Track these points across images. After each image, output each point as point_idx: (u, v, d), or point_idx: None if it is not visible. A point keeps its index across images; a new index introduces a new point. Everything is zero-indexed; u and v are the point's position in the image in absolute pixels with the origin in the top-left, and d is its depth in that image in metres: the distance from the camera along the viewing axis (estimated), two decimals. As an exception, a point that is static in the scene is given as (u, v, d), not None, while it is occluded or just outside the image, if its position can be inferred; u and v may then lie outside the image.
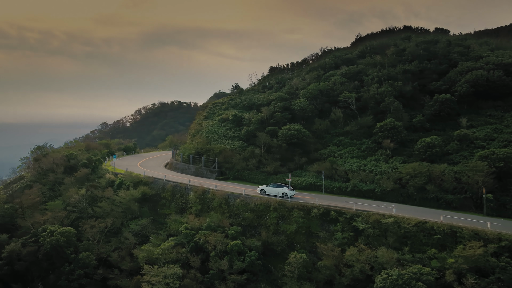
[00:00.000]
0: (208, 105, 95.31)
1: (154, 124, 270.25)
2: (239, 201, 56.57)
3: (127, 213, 59.64)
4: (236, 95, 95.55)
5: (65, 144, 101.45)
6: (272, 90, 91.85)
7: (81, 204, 60.77)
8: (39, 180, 72.24)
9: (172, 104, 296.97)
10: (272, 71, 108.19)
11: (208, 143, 77.32)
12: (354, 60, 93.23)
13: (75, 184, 66.61)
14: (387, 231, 46.66)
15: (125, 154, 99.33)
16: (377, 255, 43.97)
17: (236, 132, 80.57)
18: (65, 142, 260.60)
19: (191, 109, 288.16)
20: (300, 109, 78.96)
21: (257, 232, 53.59)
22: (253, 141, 76.71)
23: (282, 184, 59.14)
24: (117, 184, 65.03)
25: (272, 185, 59.11)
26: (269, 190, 58.24)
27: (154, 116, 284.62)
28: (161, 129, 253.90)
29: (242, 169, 71.02)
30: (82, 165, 69.57)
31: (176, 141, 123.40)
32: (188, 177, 72.54)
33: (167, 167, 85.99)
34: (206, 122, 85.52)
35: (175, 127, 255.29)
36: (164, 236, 53.93)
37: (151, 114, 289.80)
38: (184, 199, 61.17)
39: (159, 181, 65.93)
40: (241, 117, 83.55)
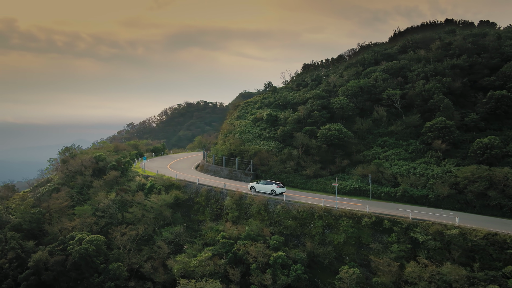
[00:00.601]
0: (240, 104, 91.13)
1: (180, 124, 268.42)
2: (280, 207, 51.98)
3: (158, 219, 55.82)
4: (269, 94, 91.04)
5: (93, 145, 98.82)
6: (307, 88, 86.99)
7: (111, 209, 57.27)
8: (67, 183, 69.29)
9: (198, 104, 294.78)
10: (305, 68, 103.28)
11: (242, 144, 73.02)
12: (395, 55, 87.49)
13: (104, 188, 63.26)
14: (450, 243, 41.33)
15: (153, 155, 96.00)
16: (442, 271, 38.72)
17: (271, 132, 76.03)
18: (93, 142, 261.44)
19: (217, 109, 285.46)
20: (339, 108, 73.85)
21: (301, 242, 48.94)
22: (290, 142, 72.11)
23: (271, 181, 58.44)
24: (147, 188, 61.33)
25: (261, 182, 58.59)
26: (259, 187, 57.96)
27: (180, 116, 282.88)
28: (187, 130, 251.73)
29: (279, 172, 66.44)
30: (111, 168, 66.20)
31: (205, 141, 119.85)
32: (221, 180, 68.48)
33: (198, 169, 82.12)
34: (238, 122, 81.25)
35: (201, 127, 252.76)
36: (200, 246, 49.75)
37: (177, 114, 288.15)
38: (219, 205, 56.97)
39: (192, 185, 61.94)
40: (276, 116, 79.01)
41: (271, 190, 56.77)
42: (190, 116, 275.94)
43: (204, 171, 77.96)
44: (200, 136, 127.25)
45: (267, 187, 57.31)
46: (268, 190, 57.06)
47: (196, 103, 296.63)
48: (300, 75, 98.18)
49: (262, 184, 58.13)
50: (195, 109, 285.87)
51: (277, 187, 56.99)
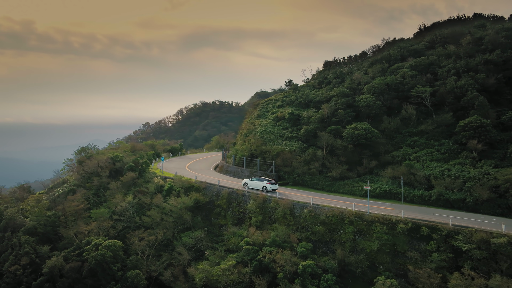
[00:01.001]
0: (260, 103, 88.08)
1: (196, 124, 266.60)
2: (307, 211, 48.78)
3: (178, 223, 53.09)
4: (290, 92, 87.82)
5: (109, 145, 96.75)
6: (330, 86, 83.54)
7: (128, 212, 54.73)
8: (82, 184, 67.06)
9: (213, 104, 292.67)
10: (327, 66, 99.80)
11: (263, 144, 69.96)
12: (422, 51, 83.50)
13: (121, 190, 60.79)
14: (497, 253, 37.76)
15: (171, 155, 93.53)
16: (490, 284, 35.20)
17: (293, 132, 72.84)
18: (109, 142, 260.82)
19: (233, 108, 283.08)
20: (365, 106, 70.27)
21: (330, 249, 45.72)
22: (314, 142, 68.82)
23: (263, 178, 58.61)
24: (166, 190, 58.67)
25: (254, 179, 58.65)
26: (251, 184, 57.92)
27: (196, 116, 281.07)
28: (203, 129, 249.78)
29: (303, 173, 63.23)
30: (128, 169, 63.72)
31: (223, 141, 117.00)
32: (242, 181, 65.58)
33: (217, 170, 79.32)
34: (259, 121, 78.23)
35: (217, 127, 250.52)
36: (222, 252, 46.82)
37: (193, 114, 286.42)
38: (242, 208, 54.01)
39: (212, 187, 59.08)
40: (298, 115, 75.77)
41: (263, 186, 56.64)
42: (206, 116, 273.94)
43: (224, 172, 75.12)
44: (217, 136, 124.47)
45: (259, 184, 57.24)
46: (260, 186, 56.92)
47: (212, 103, 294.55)
48: (322, 73, 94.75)
49: (255, 181, 57.98)
50: (211, 109, 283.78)
51: (268, 183, 56.85)
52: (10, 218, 55.06)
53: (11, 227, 55.26)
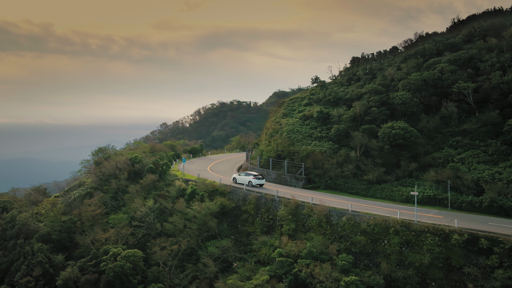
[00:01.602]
0: (285, 101, 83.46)
1: (214, 124, 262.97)
2: (346, 219, 43.93)
3: (202, 230, 48.76)
4: (317, 89, 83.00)
5: (127, 146, 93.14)
6: (360, 83, 78.51)
7: (149, 218, 50.59)
8: (100, 187, 63.31)
9: (231, 103, 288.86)
10: (354, 62, 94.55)
11: (291, 145, 65.33)
12: (459, 45, 77.80)
13: (140, 193, 56.79)
14: None
15: (191, 156, 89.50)
16: None
17: (323, 131, 68.04)
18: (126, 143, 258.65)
19: (251, 108, 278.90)
20: (401, 104, 65.14)
21: (374, 262, 40.83)
22: (345, 142, 64.00)
23: (250, 173, 59.31)
24: (188, 194, 54.44)
25: (242, 174, 59.78)
26: (239, 179, 58.84)
27: (214, 116, 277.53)
28: (221, 130, 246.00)
29: (335, 176, 58.44)
30: (148, 171, 59.67)
31: (244, 142, 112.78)
32: (269, 185, 61.09)
33: (240, 170, 74.95)
34: (285, 120, 73.59)
35: (236, 127, 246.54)
36: (252, 264, 42.29)
37: (211, 114, 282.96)
38: (272, 214, 49.41)
39: (238, 191, 54.63)
40: (328, 113, 70.92)
41: (248, 181, 57.17)
42: (224, 116, 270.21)
43: (248, 174, 70.65)
44: (238, 136, 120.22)
45: (246, 178, 57.78)
46: (246, 181, 57.49)
47: (230, 103, 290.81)
48: (350, 69, 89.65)
49: (242, 176, 58.79)
50: (229, 109, 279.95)
51: (253, 178, 57.40)
52: (23, 224, 51.49)
53: (24, 233, 51.70)
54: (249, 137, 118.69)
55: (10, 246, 51.26)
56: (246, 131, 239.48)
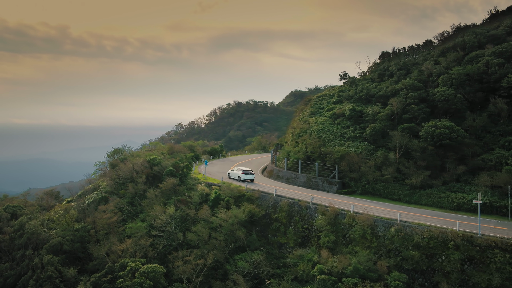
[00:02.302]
0: (311, 99, 78.03)
1: (230, 124, 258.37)
2: (394, 231, 38.38)
3: (229, 241, 43.64)
4: (346, 86, 77.40)
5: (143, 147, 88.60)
6: (393, 78, 72.69)
7: (169, 227, 45.58)
8: (116, 191, 58.66)
9: (247, 103, 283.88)
10: (384, 57, 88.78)
11: (322, 145, 59.90)
12: (502, 36, 71.40)
13: (159, 198, 51.90)
14: None
15: (211, 157, 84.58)
16: None
17: (356, 131, 62.49)
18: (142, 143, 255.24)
19: (268, 108, 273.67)
20: (443, 100, 59.26)
21: (429, 280, 35.26)
22: (382, 143, 58.40)
23: (240, 168, 60.59)
24: (212, 200, 49.38)
25: (235, 169, 61.40)
26: (232, 174, 60.81)
27: (230, 116, 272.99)
28: (237, 130, 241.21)
29: (374, 180, 52.88)
30: (168, 174, 54.76)
31: (265, 142, 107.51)
32: (298, 189, 55.93)
33: (265, 174, 69.80)
34: (314, 119, 68.17)
35: (252, 127, 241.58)
36: (289, 283, 36.96)
37: (227, 114, 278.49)
38: (307, 224, 44.06)
39: (268, 197, 49.39)
40: (361, 111, 65.35)
41: (238, 176, 58.59)
42: (240, 116, 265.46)
43: (274, 177, 65.45)
44: (259, 137, 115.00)
45: (236, 173, 59.39)
46: (236, 176, 59.26)
47: (246, 103, 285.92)
48: (380, 65, 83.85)
49: (235, 171, 60.51)
50: (245, 109, 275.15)
51: (242, 173, 58.44)
52: (33, 232, 46.98)
53: (33, 243, 47.21)
54: (270, 137, 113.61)
55: (18, 257, 46.88)
56: (263, 132, 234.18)
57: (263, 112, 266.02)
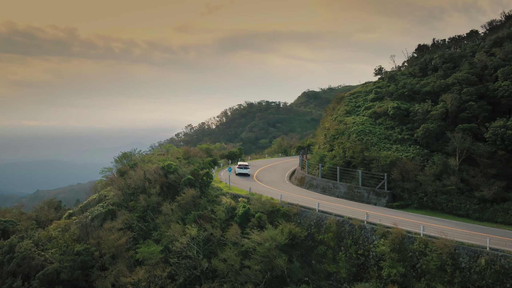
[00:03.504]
0: (344, 96, 69.13)
1: (242, 126, 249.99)
2: (485, 262, 29.51)
3: (264, 269, 35.01)
4: (384, 82, 68.39)
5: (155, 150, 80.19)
6: (439, 72, 63.60)
7: (191, 252, 37.04)
8: (124, 203, 50.28)
9: (259, 104, 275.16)
10: (421, 51, 79.77)
11: (365, 149, 51.10)
12: None
13: (176, 213, 43.36)
14: None
15: (230, 162, 76.02)
16: None
17: (404, 132, 53.62)
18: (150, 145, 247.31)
19: (281, 109, 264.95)
20: (507, 96, 50.29)
21: (542, 333, 26.40)
22: (437, 146, 49.57)
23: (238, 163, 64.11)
24: (240, 216, 40.82)
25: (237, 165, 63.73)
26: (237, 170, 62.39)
27: (241, 117, 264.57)
28: (249, 131, 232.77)
29: (433, 192, 43.97)
30: (186, 183, 46.15)
31: (286, 145, 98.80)
32: (338, 201, 47.32)
33: (295, 181, 61.12)
34: (351, 119, 59.34)
35: (265, 128, 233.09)
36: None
37: (238, 115, 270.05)
38: (362, 249, 35.29)
39: (308, 213, 40.68)
40: (407, 110, 56.51)
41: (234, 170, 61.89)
42: (252, 117, 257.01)
43: (307, 186, 56.76)
44: (279, 139, 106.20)
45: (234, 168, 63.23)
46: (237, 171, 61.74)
47: (258, 103, 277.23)
48: (418, 58, 74.81)
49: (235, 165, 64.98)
50: (257, 110, 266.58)
51: (237, 167, 62.33)
52: (24, 257, 38.24)
53: (25, 270, 38.52)
54: (292, 139, 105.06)
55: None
56: (276, 133, 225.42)
57: (276, 113, 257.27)
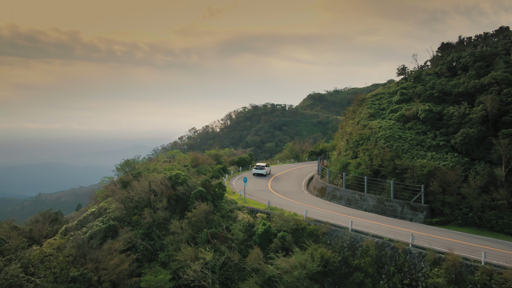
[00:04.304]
0: (366, 97, 63.61)
1: (247, 129, 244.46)
2: None
3: (292, 301, 29.47)
4: (409, 83, 62.85)
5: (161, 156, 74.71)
6: (471, 72, 58.07)
7: (206, 280, 31.59)
8: (127, 218, 44.80)
9: (265, 107, 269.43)
10: (445, 49, 74.30)
11: (396, 157, 45.59)
12: None
13: (186, 231, 37.88)
14: None
15: (240, 169, 70.51)
16: None
17: (438, 137, 48.09)
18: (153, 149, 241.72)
19: (287, 112, 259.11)
20: (557, 97, 44.78)
21: None
22: (479, 154, 44.00)
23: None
24: (260, 235, 35.35)
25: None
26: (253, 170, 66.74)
27: (246, 120, 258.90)
28: (255, 135, 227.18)
29: (481, 206, 38.43)
30: (196, 196, 40.63)
31: (298, 150, 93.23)
32: (366, 215, 41.97)
33: (315, 192, 55.60)
34: (376, 123, 53.86)
35: (271, 132, 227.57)
36: None
37: (243, 118, 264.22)
38: (408, 278, 29.72)
39: (339, 232, 35.14)
40: (440, 113, 51.05)
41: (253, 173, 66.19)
42: (257, 120, 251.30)
43: (329, 197, 51.22)
44: (291, 143, 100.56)
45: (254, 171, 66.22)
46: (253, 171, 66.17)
47: (263, 106, 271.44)
48: (444, 57, 69.36)
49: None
50: (262, 112, 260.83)
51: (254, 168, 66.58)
52: (10, 285, 32.94)
53: (11, 300, 33.30)
54: (305, 144, 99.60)
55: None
56: (282, 136, 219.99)
57: (281, 115, 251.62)
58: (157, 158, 79.21)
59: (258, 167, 65.61)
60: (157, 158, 79.21)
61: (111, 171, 58.02)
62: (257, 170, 65.20)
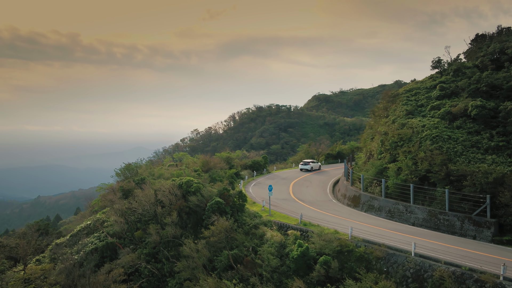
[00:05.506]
0: (398, 93, 56.26)
1: (251, 130, 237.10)
2: None
3: None
4: (449, 77, 55.59)
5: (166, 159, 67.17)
6: (522, 63, 50.84)
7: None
8: (128, 233, 37.39)
9: (269, 108, 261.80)
10: (478, 41, 67.10)
11: (448, 161, 38.24)
12: None
13: (203, 254, 30.52)
14: None
15: (255, 174, 63.06)
16: None
17: (495, 138, 40.76)
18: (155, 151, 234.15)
19: (292, 113, 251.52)
20: None
21: None
22: (549, 157, 36.65)
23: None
24: (295, 259, 27.98)
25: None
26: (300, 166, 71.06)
27: (250, 121, 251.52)
28: (260, 136, 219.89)
29: None
30: (214, 209, 33.26)
31: (313, 152, 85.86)
32: (418, 232, 34.93)
33: (346, 201, 48.22)
34: (417, 121, 46.49)
35: (276, 133, 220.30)
36: None
37: (247, 119, 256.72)
38: (504, 323, 22.36)
39: (399, 257, 27.72)
40: (495, 109, 43.69)
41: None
42: (262, 122, 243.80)
43: (364, 207, 43.83)
44: (306, 145, 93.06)
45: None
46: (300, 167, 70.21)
47: (268, 107, 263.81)
48: (483, 49, 62.17)
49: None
50: (267, 114, 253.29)
51: (301, 164, 70.61)
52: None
53: None
54: (321, 146, 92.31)
55: None
56: (288, 138, 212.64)
57: (286, 117, 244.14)
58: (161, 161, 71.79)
59: (304, 163, 69.79)
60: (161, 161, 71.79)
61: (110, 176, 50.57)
62: (303, 165, 69.66)
